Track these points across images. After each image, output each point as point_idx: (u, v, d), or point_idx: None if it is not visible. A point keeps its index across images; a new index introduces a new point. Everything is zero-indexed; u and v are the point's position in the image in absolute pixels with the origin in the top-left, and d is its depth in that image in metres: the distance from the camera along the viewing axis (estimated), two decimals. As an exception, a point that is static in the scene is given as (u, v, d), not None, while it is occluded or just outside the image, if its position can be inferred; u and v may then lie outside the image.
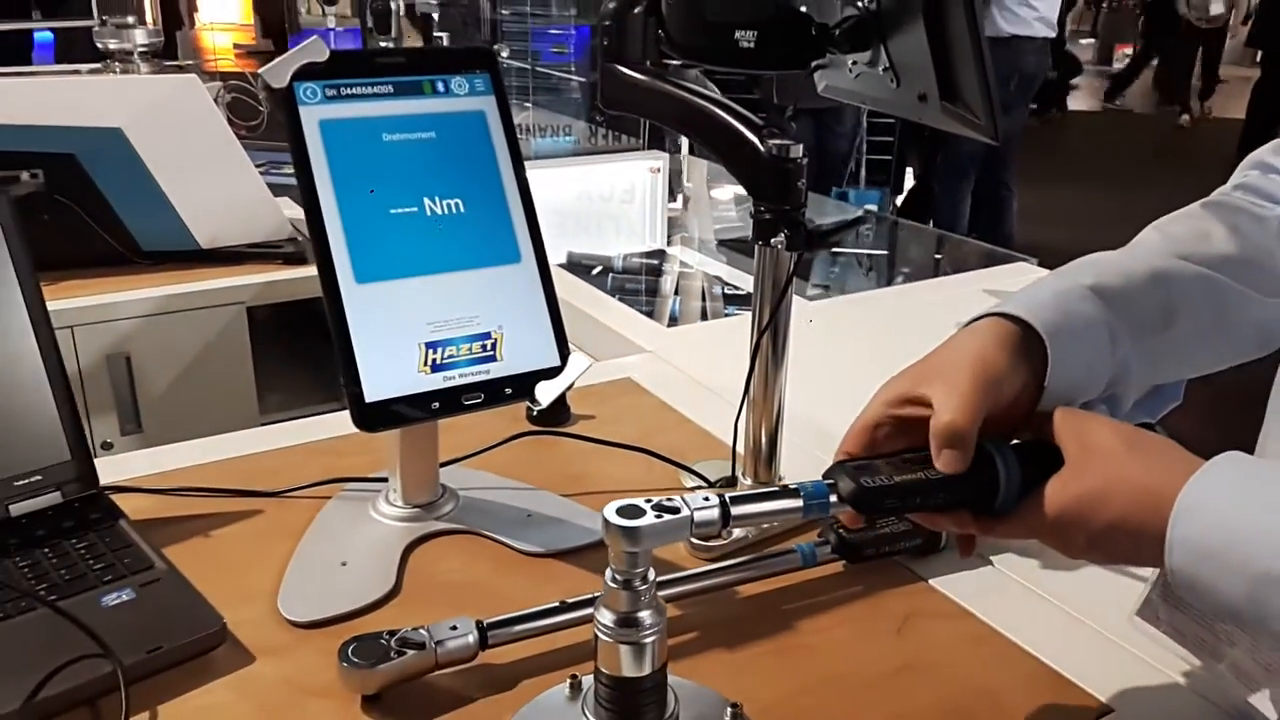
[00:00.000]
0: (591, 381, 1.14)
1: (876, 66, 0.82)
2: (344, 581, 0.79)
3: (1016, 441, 0.63)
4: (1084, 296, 0.67)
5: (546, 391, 0.79)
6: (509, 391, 0.81)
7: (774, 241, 0.84)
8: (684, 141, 2.35)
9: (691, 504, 0.57)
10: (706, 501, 0.57)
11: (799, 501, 0.59)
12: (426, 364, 0.78)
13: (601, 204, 2.28)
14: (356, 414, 0.76)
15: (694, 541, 0.84)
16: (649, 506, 0.56)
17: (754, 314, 0.89)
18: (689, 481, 0.95)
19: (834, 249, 2.02)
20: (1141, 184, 6.62)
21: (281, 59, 0.73)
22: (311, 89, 0.76)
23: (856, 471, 0.60)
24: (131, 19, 1.83)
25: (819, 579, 0.82)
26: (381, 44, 1.78)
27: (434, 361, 0.78)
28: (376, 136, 0.78)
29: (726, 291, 1.93)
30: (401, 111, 0.80)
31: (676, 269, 2.05)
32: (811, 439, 0.96)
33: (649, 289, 1.96)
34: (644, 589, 0.57)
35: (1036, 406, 0.63)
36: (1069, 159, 7.16)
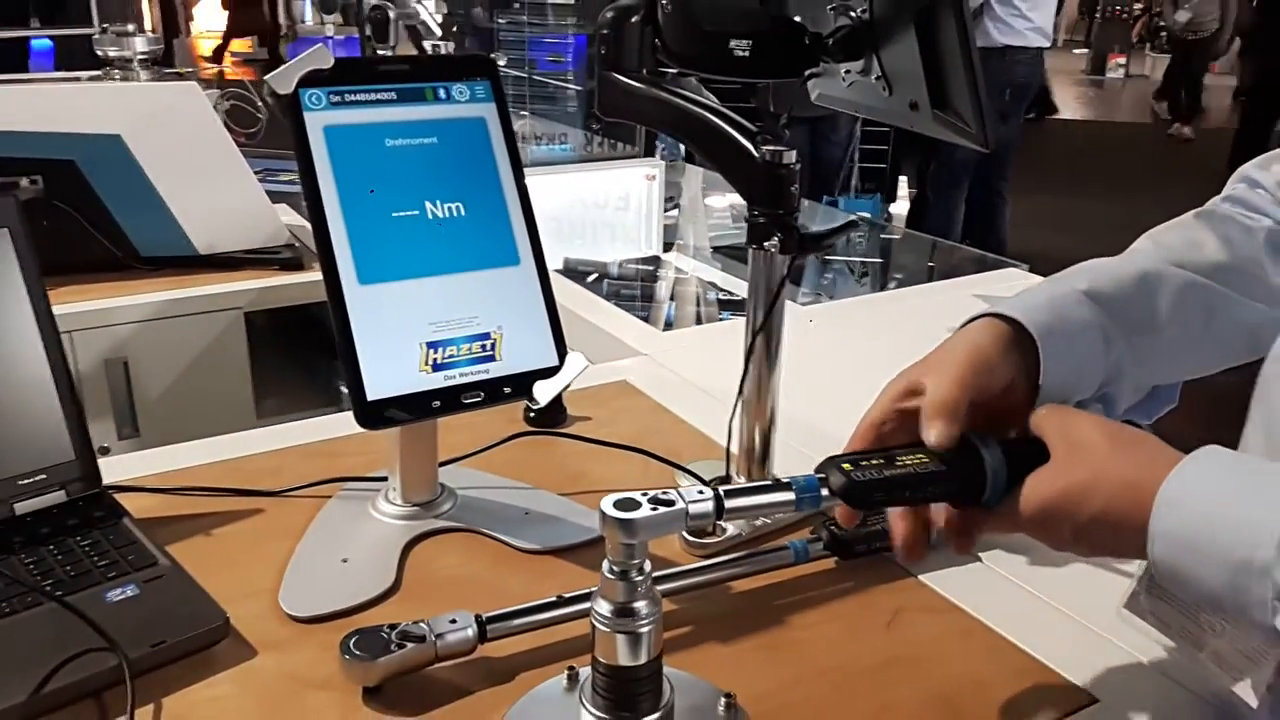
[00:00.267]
0: (587, 384, 1.15)
1: (869, 75, 0.84)
2: (344, 578, 0.81)
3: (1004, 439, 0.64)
4: (1079, 300, 0.70)
5: (545, 390, 0.81)
6: (508, 390, 0.83)
7: (768, 245, 0.85)
8: (681, 148, 2.37)
9: (686, 497, 0.58)
10: (701, 495, 0.59)
11: (791, 495, 0.61)
12: (427, 363, 0.79)
13: (597, 210, 2.30)
14: (359, 412, 0.77)
15: (688, 538, 0.86)
16: (645, 500, 0.57)
17: (748, 316, 0.90)
18: (684, 481, 0.97)
19: (827, 256, 2.04)
20: (1133, 191, 6.68)
21: (287, 66, 0.74)
22: (316, 95, 0.78)
23: (847, 466, 0.62)
24: (131, 26, 1.84)
25: (811, 574, 0.83)
26: (380, 52, 1.79)
27: (435, 361, 0.80)
28: (379, 141, 0.80)
29: (721, 297, 1.94)
30: (404, 117, 0.81)
31: (672, 275, 2.06)
32: (804, 439, 0.98)
33: (644, 294, 1.98)
34: (640, 580, 0.58)
35: (1032, 407, 0.65)
36: (1060, 167, 7.20)
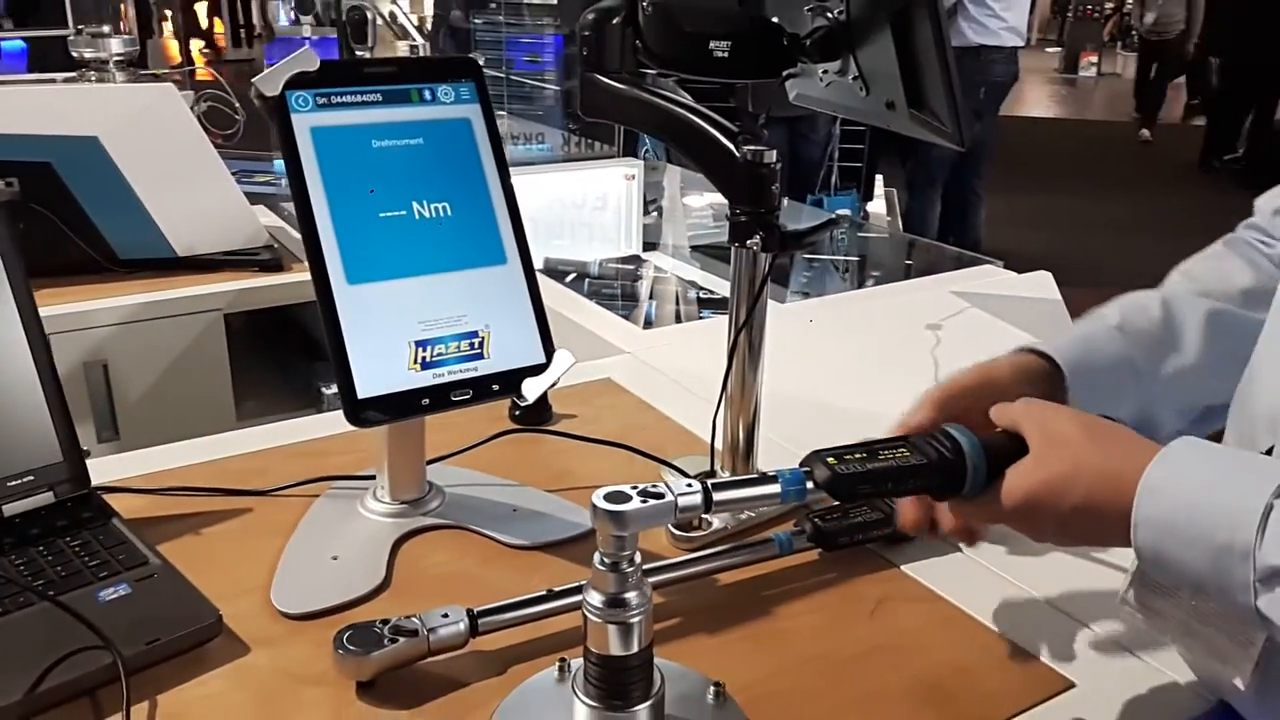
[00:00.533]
0: (572, 381, 1.16)
1: (846, 75, 0.86)
2: (335, 575, 0.81)
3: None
4: (1109, 336, 0.77)
5: (533, 387, 0.82)
6: (496, 388, 0.84)
7: (749, 243, 0.87)
8: (663, 149, 2.38)
9: (675, 489, 0.59)
10: (690, 487, 0.60)
11: (777, 488, 0.62)
12: (416, 362, 0.80)
13: (576, 210, 2.31)
14: (349, 410, 0.78)
15: (675, 532, 0.87)
16: (635, 492, 0.59)
17: (730, 313, 0.92)
18: (669, 476, 0.98)
19: (809, 255, 2.06)
20: (1105, 189, 6.76)
21: (274, 68, 0.75)
22: (303, 97, 0.78)
23: (831, 460, 0.64)
24: (107, 28, 1.82)
25: (795, 566, 0.85)
26: (359, 53, 1.79)
27: (424, 359, 0.80)
28: (366, 143, 0.81)
29: (701, 296, 1.95)
30: (390, 119, 0.82)
31: (652, 274, 2.07)
32: (788, 434, 0.99)
33: (625, 294, 1.99)
34: (631, 571, 0.60)
35: None
36: (1034, 165, 7.27)
